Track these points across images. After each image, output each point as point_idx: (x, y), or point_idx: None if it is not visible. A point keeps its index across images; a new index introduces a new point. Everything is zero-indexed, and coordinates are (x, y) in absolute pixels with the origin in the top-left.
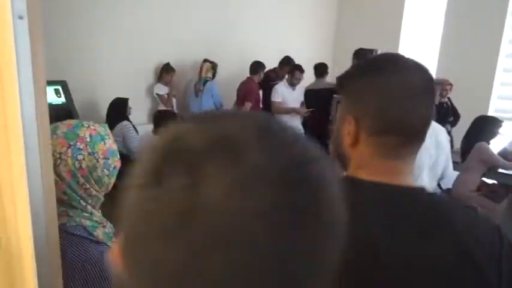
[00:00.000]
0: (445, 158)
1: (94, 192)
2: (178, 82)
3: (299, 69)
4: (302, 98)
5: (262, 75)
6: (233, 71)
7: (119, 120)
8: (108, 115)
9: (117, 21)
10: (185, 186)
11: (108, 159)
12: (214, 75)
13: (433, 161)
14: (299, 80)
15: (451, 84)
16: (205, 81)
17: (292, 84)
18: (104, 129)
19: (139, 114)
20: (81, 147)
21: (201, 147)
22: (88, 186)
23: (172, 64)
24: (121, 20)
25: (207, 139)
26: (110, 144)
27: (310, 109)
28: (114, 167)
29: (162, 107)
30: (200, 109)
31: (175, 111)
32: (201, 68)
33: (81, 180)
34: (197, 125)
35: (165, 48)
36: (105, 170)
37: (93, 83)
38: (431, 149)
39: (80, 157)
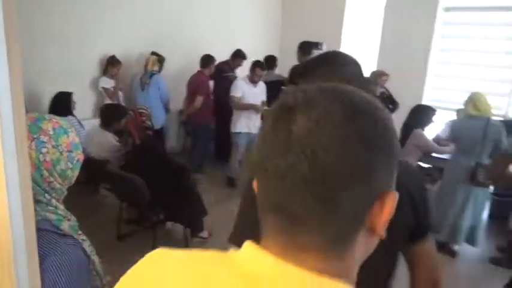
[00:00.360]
0: None
1: (58, 186)
2: (124, 75)
3: (260, 66)
4: (263, 95)
5: (213, 68)
6: (182, 64)
7: (62, 115)
8: (51, 110)
9: (61, 14)
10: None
11: (72, 152)
12: (161, 69)
13: None
14: (259, 77)
15: (387, 75)
16: (152, 75)
17: (253, 81)
18: (66, 122)
19: (85, 108)
20: (44, 140)
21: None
22: (51, 179)
23: (118, 57)
24: (65, 12)
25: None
26: (73, 137)
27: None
28: (78, 160)
29: (108, 101)
30: (147, 102)
31: (122, 104)
32: (146, 61)
33: (45, 173)
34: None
35: (110, 41)
36: (68, 163)
37: (35, 76)
38: None
39: (44, 150)
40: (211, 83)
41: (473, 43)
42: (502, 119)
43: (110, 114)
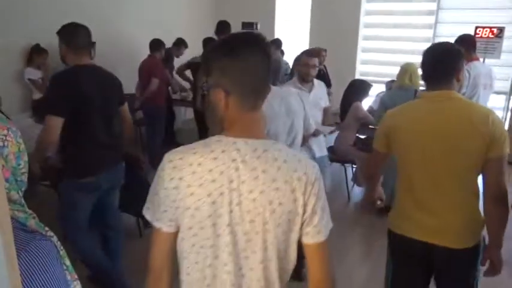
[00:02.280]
0: (302, 119)
1: (25, 179)
2: (52, 65)
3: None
4: None
5: (163, 52)
6: (113, 55)
7: None
8: None
9: None
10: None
11: (25, 151)
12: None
13: (288, 126)
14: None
15: (325, 51)
16: None
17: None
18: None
19: (11, 103)
20: (15, 129)
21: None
22: (24, 170)
23: (43, 46)
24: None
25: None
26: (19, 135)
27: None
28: (26, 161)
29: (36, 94)
30: None
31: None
32: None
33: (22, 164)
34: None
35: (33, 29)
36: (25, 155)
37: None
38: (284, 117)
39: (19, 140)
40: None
41: (395, 18)
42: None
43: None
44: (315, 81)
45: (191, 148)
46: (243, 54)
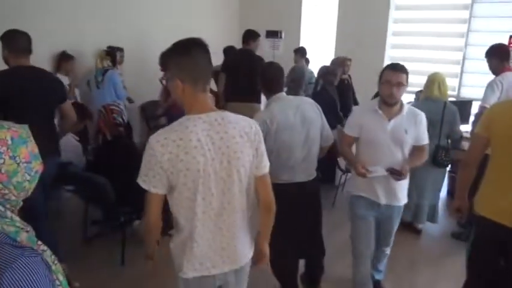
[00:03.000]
0: (319, 129)
1: (13, 198)
2: (78, 71)
3: None
4: None
5: None
6: (141, 59)
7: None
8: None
9: (2, 5)
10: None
11: (30, 163)
12: (115, 63)
13: (304, 136)
14: None
15: (350, 60)
16: (105, 71)
17: None
18: (25, 131)
19: None
20: (1, 150)
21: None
22: (6, 191)
23: (70, 52)
24: (6, 3)
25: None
26: (32, 147)
27: None
28: (36, 172)
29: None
30: (103, 101)
31: (79, 101)
32: (96, 59)
33: (2, 185)
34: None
35: (60, 36)
36: (26, 175)
37: None
38: (299, 127)
39: (0, 161)
40: None
41: (424, 26)
42: (454, 99)
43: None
44: (406, 107)
45: (170, 128)
46: (193, 53)
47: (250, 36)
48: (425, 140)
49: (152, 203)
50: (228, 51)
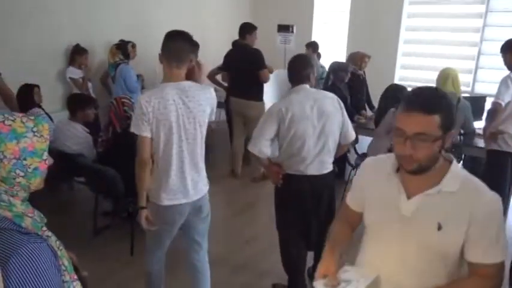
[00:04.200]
0: (337, 124)
1: (3, 188)
2: (92, 65)
3: None
4: None
5: (197, 54)
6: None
7: (27, 108)
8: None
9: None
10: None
11: (25, 159)
12: (127, 56)
13: (319, 130)
14: None
15: (369, 57)
16: (117, 65)
17: None
18: (30, 125)
19: (53, 101)
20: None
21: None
22: (19, 179)
23: (83, 46)
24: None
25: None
26: (31, 143)
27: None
28: (35, 168)
29: (76, 92)
30: (116, 95)
31: (92, 95)
32: (108, 54)
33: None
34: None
35: (75, 29)
36: (17, 171)
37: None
38: (314, 119)
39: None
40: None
41: (438, 21)
42: (468, 95)
43: (74, 105)
44: (455, 174)
45: (153, 91)
46: (172, 40)
47: (245, 29)
48: (490, 257)
49: (142, 144)
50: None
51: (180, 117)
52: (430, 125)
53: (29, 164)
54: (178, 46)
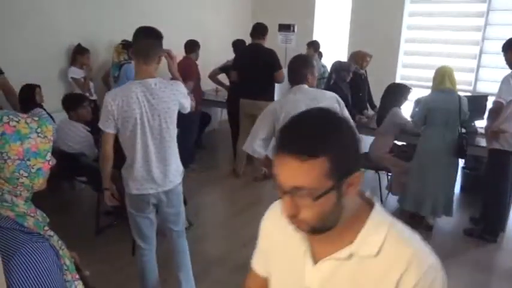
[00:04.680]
0: None
1: (7, 188)
2: (93, 64)
3: None
4: None
5: (198, 53)
6: None
7: (28, 108)
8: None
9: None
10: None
11: (29, 160)
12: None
13: None
14: None
15: (371, 56)
16: (121, 65)
17: None
18: (34, 126)
19: (54, 101)
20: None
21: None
22: (23, 180)
23: (84, 45)
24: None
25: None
26: (34, 144)
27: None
28: (39, 169)
29: (77, 92)
30: None
31: (94, 95)
32: (113, 53)
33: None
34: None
35: (75, 29)
36: (21, 171)
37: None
38: None
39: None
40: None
41: (440, 20)
42: (469, 94)
43: (66, 105)
44: (372, 236)
45: (120, 89)
46: (139, 37)
47: (260, 29)
48: None
49: (106, 139)
50: (238, 44)
51: (144, 114)
52: (311, 174)
53: (33, 164)
54: (146, 43)
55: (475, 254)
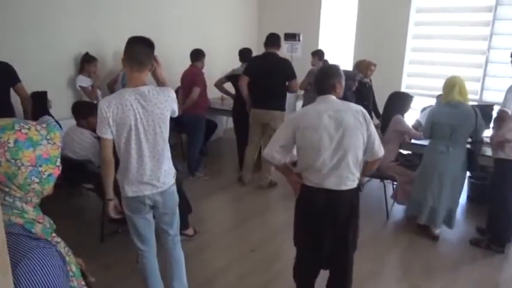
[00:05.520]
0: (359, 138)
1: (18, 195)
2: (100, 72)
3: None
4: None
5: (204, 62)
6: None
7: (38, 115)
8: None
9: (28, 9)
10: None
11: (40, 166)
12: None
13: (336, 141)
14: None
15: (375, 65)
16: None
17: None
18: (44, 133)
19: (62, 108)
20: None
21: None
22: (7, 189)
23: (92, 54)
24: (32, 7)
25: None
26: (45, 150)
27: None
28: (49, 175)
29: (86, 100)
30: None
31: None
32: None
33: (0, 184)
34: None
35: (82, 38)
36: (33, 178)
37: None
38: (331, 130)
39: (17, 155)
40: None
41: (445, 29)
42: (475, 103)
43: (77, 114)
44: None
45: (113, 96)
46: (131, 46)
47: (274, 39)
48: None
49: (104, 145)
50: (245, 53)
51: (138, 120)
52: None
53: (44, 170)
54: (140, 51)
55: (482, 265)
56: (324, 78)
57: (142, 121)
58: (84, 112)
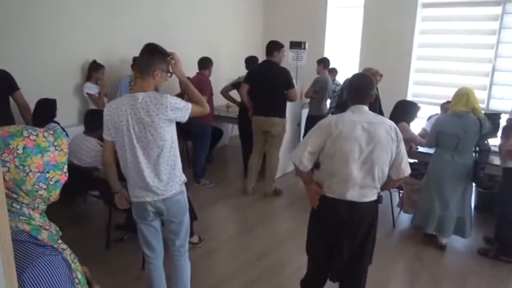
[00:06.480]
0: (388, 153)
1: (26, 201)
2: (107, 80)
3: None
4: None
5: (211, 70)
6: None
7: (45, 122)
8: (33, 117)
9: (36, 17)
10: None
11: (48, 172)
12: None
13: (366, 155)
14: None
15: (381, 75)
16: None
17: None
18: (51, 139)
19: (70, 115)
20: (7, 159)
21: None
22: (16, 196)
23: (99, 61)
24: (39, 15)
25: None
26: (53, 157)
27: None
28: (57, 181)
29: (92, 107)
30: None
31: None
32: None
33: (8, 191)
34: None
35: (90, 45)
36: (40, 184)
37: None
38: (362, 142)
39: (4, 169)
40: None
41: (452, 38)
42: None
43: (92, 122)
44: None
45: (115, 101)
46: (141, 53)
47: (273, 46)
48: None
49: (107, 146)
50: (250, 61)
51: (130, 125)
52: None
53: (51, 176)
54: (142, 58)
55: (490, 275)
56: (361, 87)
57: (134, 127)
58: (99, 122)
